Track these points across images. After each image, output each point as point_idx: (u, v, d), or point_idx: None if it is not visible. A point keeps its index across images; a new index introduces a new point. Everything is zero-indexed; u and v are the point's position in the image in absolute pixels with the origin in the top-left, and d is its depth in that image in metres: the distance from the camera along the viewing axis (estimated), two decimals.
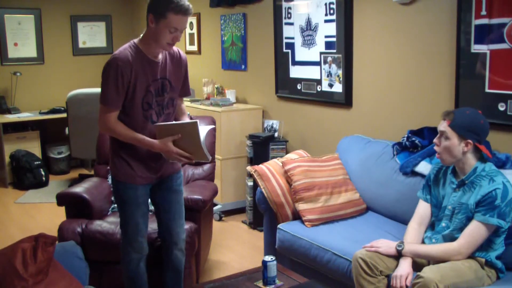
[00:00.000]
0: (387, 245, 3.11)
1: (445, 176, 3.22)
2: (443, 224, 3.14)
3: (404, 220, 3.78)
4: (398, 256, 3.08)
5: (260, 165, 4.23)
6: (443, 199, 3.18)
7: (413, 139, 3.91)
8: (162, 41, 3.03)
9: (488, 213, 2.91)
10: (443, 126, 3.05)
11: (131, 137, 3.09)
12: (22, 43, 7.96)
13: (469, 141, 2.99)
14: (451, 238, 3.06)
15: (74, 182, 6.80)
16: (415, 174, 3.78)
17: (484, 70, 3.67)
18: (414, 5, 4.12)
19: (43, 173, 7.28)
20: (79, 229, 3.73)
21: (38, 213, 6.22)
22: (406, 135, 3.98)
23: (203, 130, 3.13)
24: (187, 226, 3.75)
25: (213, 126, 3.86)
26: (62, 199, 3.95)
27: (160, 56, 3.15)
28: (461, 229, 3.02)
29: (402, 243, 3.09)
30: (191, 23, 7.11)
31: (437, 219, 3.21)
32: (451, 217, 3.10)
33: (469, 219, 3.01)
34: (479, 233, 2.94)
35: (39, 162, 7.31)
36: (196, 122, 3.06)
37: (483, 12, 3.61)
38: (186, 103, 6.25)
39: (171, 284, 3.52)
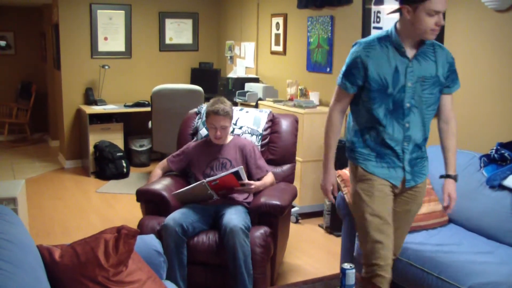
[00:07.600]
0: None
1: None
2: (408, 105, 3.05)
3: (489, 235, 3.64)
4: None
5: (344, 170, 4.15)
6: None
7: (502, 151, 3.75)
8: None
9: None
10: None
11: None
12: (112, 37, 8.18)
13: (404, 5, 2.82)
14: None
15: None
16: (502, 188, 3.63)
17: None
18: (511, 12, 3.95)
19: (124, 164, 7.45)
20: (158, 227, 3.72)
21: (117, 203, 6.38)
22: (495, 147, 3.83)
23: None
24: (261, 230, 3.73)
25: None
26: (141, 195, 3.99)
27: None
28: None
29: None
30: (277, 23, 7.10)
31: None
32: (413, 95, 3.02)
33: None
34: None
35: (121, 153, 7.49)
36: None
37: None
38: (269, 103, 6.24)
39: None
